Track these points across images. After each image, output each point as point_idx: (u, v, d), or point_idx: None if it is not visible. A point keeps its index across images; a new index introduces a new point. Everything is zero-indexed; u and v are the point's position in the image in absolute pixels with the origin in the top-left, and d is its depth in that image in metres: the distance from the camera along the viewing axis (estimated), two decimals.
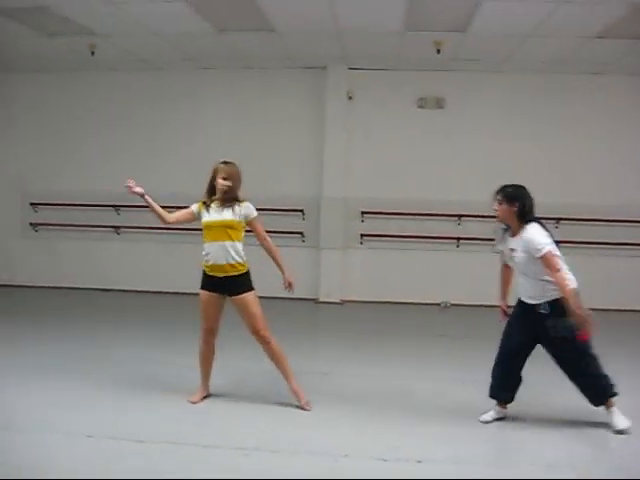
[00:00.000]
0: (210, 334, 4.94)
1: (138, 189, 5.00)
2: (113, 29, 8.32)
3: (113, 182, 10.34)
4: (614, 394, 4.51)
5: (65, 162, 10.58)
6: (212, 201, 4.93)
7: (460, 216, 9.84)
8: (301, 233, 10.02)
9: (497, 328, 4.91)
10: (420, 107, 10.13)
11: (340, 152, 9.99)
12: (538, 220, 4.65)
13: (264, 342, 4.88)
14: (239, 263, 4.83)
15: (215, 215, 4.86)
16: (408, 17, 7.72)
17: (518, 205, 4.68)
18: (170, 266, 10.32)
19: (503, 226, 4.84)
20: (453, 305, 9.80)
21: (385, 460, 3.94)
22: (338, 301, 9.86)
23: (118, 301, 9.72)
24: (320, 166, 10.01)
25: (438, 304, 9.79)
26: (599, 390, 4.53)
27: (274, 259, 4.99)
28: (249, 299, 4.84)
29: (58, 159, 10.62)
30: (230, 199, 4.87)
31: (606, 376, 4.52)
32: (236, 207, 4.86)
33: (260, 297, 4.92)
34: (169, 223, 5.11)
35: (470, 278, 9.85)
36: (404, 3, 7.28)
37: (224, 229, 4.80)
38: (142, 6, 7.46)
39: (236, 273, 4.83)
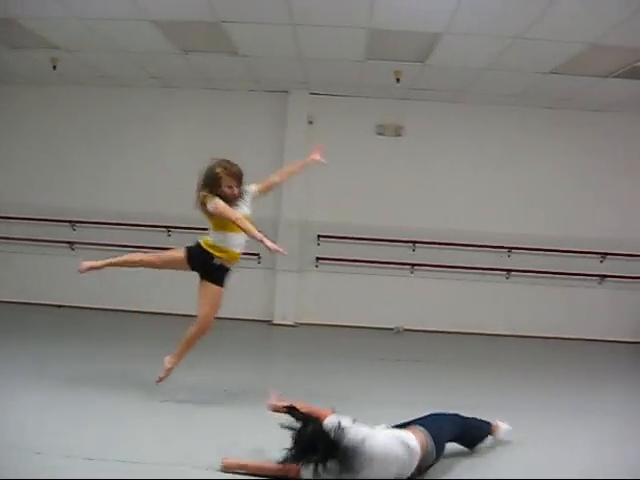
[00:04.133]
0: None
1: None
2: (77, 44, 8.31)
3: (70, 197, 10.34)
4: None
5: (21, 176, 10.46)
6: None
7: (415, 242, 9.99)
8: (257, 254, 10.06)
9: (448, 353, 5.05)
10: (379, 134, 10.29)
11: (299, 176, 10.05)
12: None
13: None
14: None
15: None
16: (369, 46, 7.89)
17: None
18: (127, 283, 10.25)
19: None
20: (406, 330, 9.90)
21: None
22: (292, 323, 9.90)
23: (72, 318, 9.61)
24: (279, 188, 10.05)
25: (391, 329, 9.89)
26: None
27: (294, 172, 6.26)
28: None
29: (13, 172, 10.49)
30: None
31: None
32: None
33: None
34: None
35: (423, 304, 10.02)
36: (366, 33, 7.44)
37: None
38: (108, 23, 7.49)
39: None
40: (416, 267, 10.06)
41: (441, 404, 4.81)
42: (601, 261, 10.14)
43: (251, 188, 5.61)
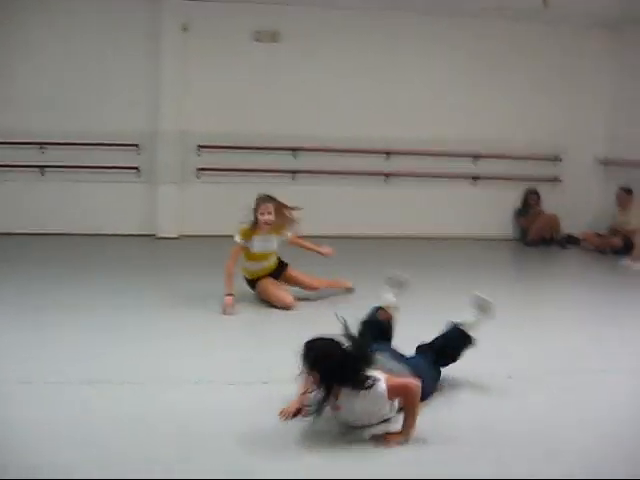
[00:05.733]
0: None
1: None
2: None
3: None
4: None
5: None
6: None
7: (295, 149, 10.07)
8: (136, 168, 9.87)
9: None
10: (256, 40, 10.12)
11: (176, 85, 9.83)
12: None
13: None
14: None
15: None
16: None
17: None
18: (98, 207, 9.87)
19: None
20: None
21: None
22: (176, 236, 9.86)
23: (41, 244, 9.11)
24: (156, 99, 9.82)
25: None
26: None
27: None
28: None
29: None
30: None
31: None
32: None
33: (94, 235, 4.96)
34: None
35: (306, 210, 10.11)
36: None
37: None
38: None
39: None
40: (297, 174, 10.16)
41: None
42: (474, 162, 10.57)
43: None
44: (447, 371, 4.40)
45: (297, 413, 3.81)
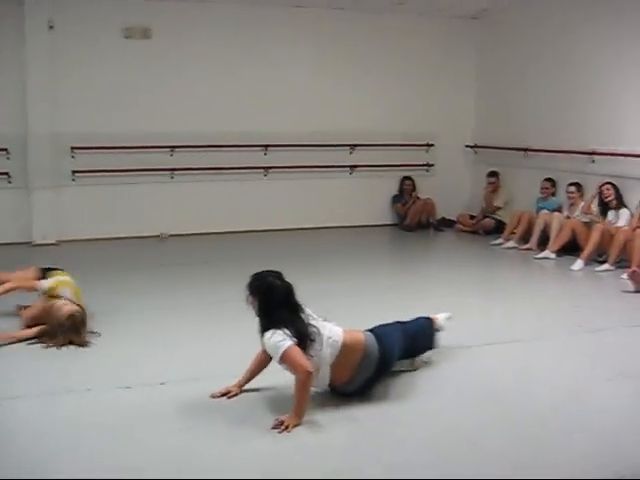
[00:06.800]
0: None
1: None
2: None
3: None
4: None
5: None
6: None
7: (173, 147, 9.97)
8: (7, 174, 9.48)
9: (213, 253, 5.29)
10: (127, 37, 9.91)
11: (45, 85, 9.46)
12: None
13: None
14: None
15: None
16: None
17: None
18: None
19: None
20: (171, 236, 9.98)
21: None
22: (54, 242, 9.54)
23: None
24: (23, 101, 9.45)
25: (157, 236, 9.91)
26: None
27: None
28: None
29: None
30: None
31: None
32: None
33: None
34: None
35: (184, 208, 10.13)
36: None
37: None
38: None
39: None
40: (175, 172, 10.07)
41: (207, 303, 5.09)
42: (350, 152, 10.84)
43: None
44: None
45: (225, 394, 4.19)
